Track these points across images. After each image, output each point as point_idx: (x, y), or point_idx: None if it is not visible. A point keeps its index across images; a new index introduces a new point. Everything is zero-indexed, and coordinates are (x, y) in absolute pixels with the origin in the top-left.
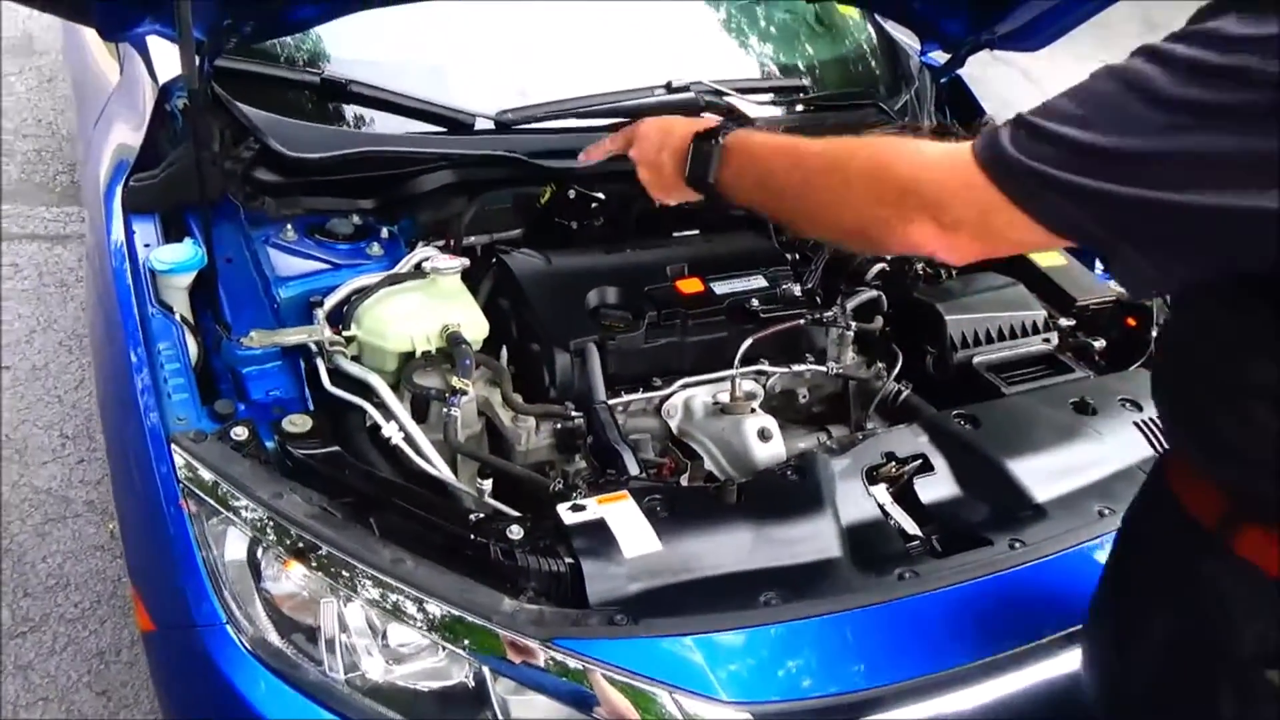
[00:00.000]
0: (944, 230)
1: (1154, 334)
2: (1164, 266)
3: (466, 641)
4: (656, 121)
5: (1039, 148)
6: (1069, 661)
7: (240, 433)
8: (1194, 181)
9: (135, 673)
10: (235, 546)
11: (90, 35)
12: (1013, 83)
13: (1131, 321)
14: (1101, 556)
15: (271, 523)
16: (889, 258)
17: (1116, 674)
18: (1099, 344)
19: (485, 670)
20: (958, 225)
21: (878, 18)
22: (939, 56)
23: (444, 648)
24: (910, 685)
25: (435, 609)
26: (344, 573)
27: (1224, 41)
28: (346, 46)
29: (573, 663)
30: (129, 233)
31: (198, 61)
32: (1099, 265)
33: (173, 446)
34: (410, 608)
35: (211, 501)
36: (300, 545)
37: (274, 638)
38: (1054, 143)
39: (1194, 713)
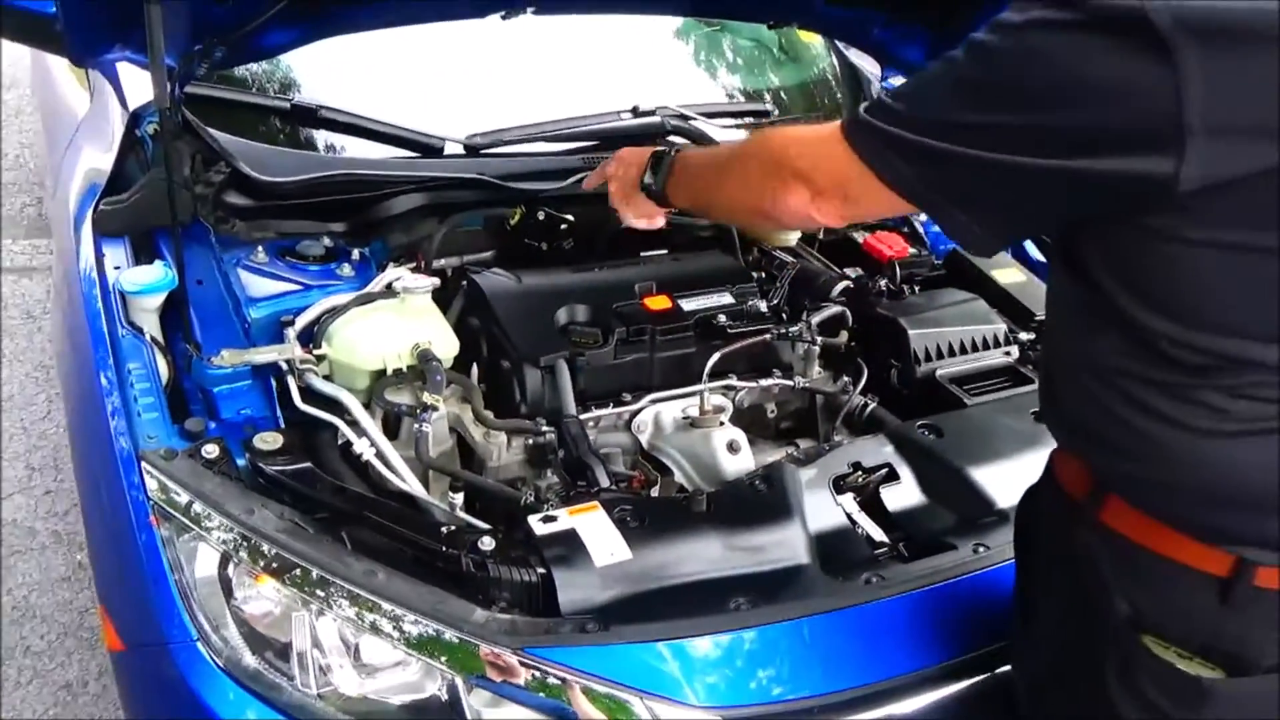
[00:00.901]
0: (816, 195)
1: None
2: (982, 222)
3: (442, 657)
4: (633, 149)
5: (884, 113)
6: None
7: (211, 450)
8: (989, 144)
9: (103, 704)
10: (206, 563)
11: (59, 65)
12: None
13: None
14: None
15: (243, 539)
16: (853, 275)
17: (1024, 650)
18: None
19: (458, 682)
20: (825, 190)
21: (839, 45)
22: (899, 80)
23: (417, 660)
24: (879, 687)
25: (408, 622)
26: (317, 589)
27: (1000, 28)
28: (317, 72)
29: (551, 678)
30: (99, 256)
31: (169, 87)
32: None
33: (143, 464)
34: (383, 621)
35: (182, 518)
36: (272, 560)
37: (246, 654)
38: (893, 109)
39: (1086, 682)
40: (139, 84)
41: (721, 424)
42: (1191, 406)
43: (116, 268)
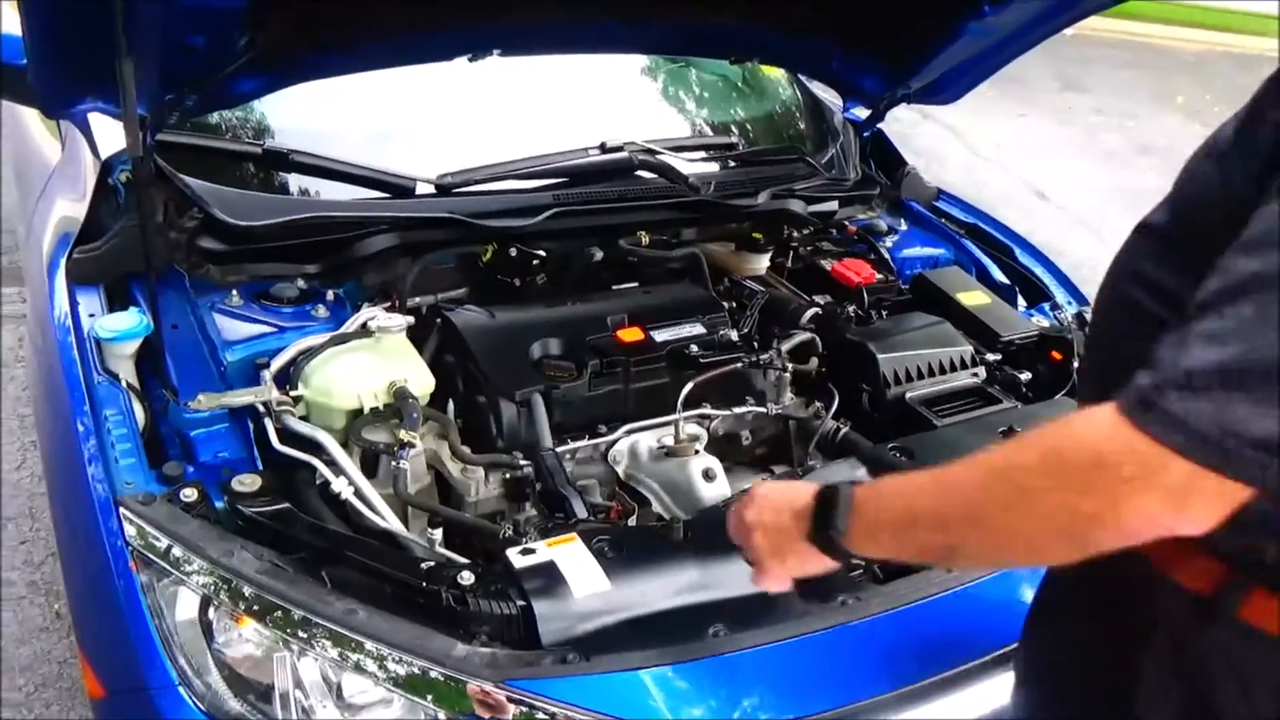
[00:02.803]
0: (1171, 495)
1: (1076, 365)
2: None
3: (428, 695)
4: (775, 484)
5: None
6: (1008, 679)
7: (189, 494)
8: None
9: None
10: (186, 607)
11: (30, 115)
12: (941, 138)
13: (1056, 355)
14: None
15: (223, 581)
16: (822, 302)
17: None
18: (1024, 376)
19: (440, 717)
20: (1186, 486)
21: (801, 78)
22: (861, 112)
23: (401, 697)
24: (859, 708)
25: (390, 659)
26: (300, 630)
27: None
28: (288, 116)
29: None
30: (73, 304)
31: (141, 136)
32: (1021, 302)
33: (121, 510)
34: (366, 660)
35: (161, 563)
36: (253, 602)
37: (229, 698)
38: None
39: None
40: (110, 132)
41: (697, 452)
42: None
43: (91, 315)
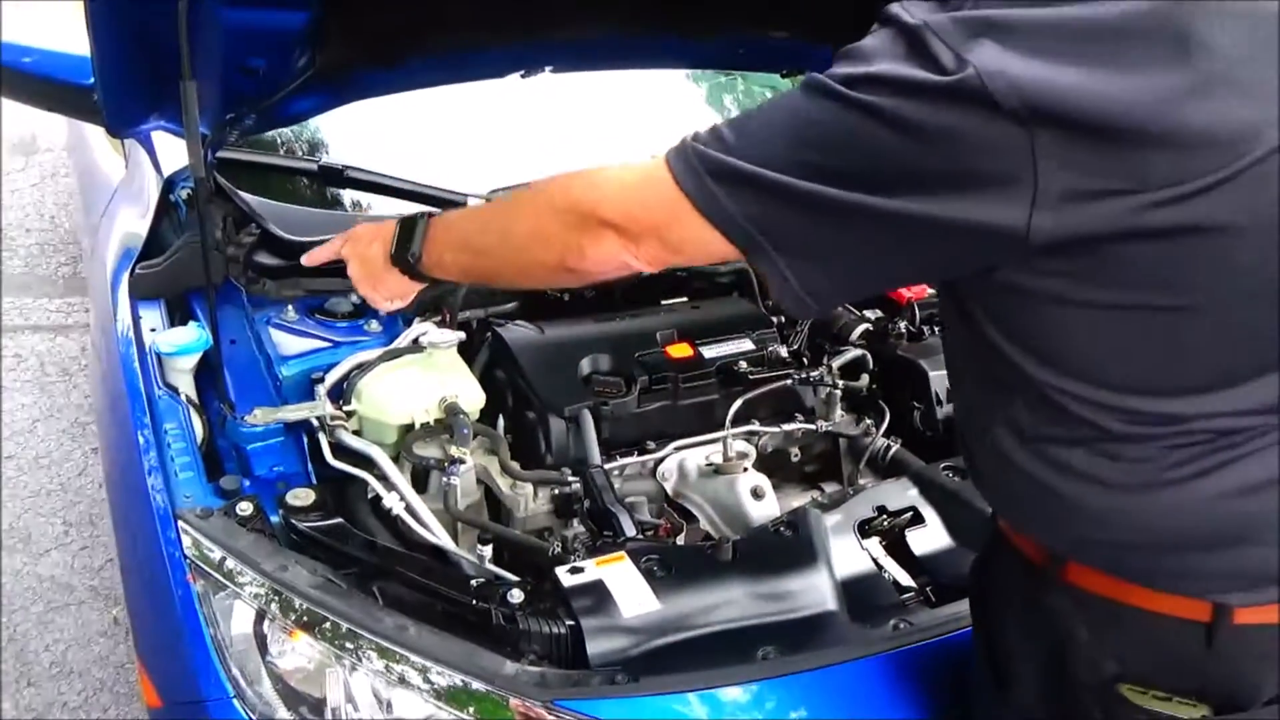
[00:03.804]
0: (630, 241)
1: None
2: (804, 271)
3: (471, 708)
4: (369, 224)
5: (715, 141)
6: None
7: (245, 508)
8: (829, 180)
9: None
10: (241, 620)
11: (94, 131)
12: None
13: None
14: None
15: (277, 595)
16: (872, 318)
17: (1002, 717)
18: None
19: None
20: (641, 235)
21: None
22: None
23: (450, 714)
24: None
25: (439, 676)
26: (349, 643)
27: (842, 78)
28: (342, 133)
29: None
30: (135, 318)
31: (203, 154)
32: None
33: (179, 523)
34: (414, 676)
35: (218, 576)
36: (305, 616)
37: (281, 710)
38: (723, 137)
39: None
40: (172, 150)
41: (745, 470)
42: (1124, 463)
43: (152, 330)
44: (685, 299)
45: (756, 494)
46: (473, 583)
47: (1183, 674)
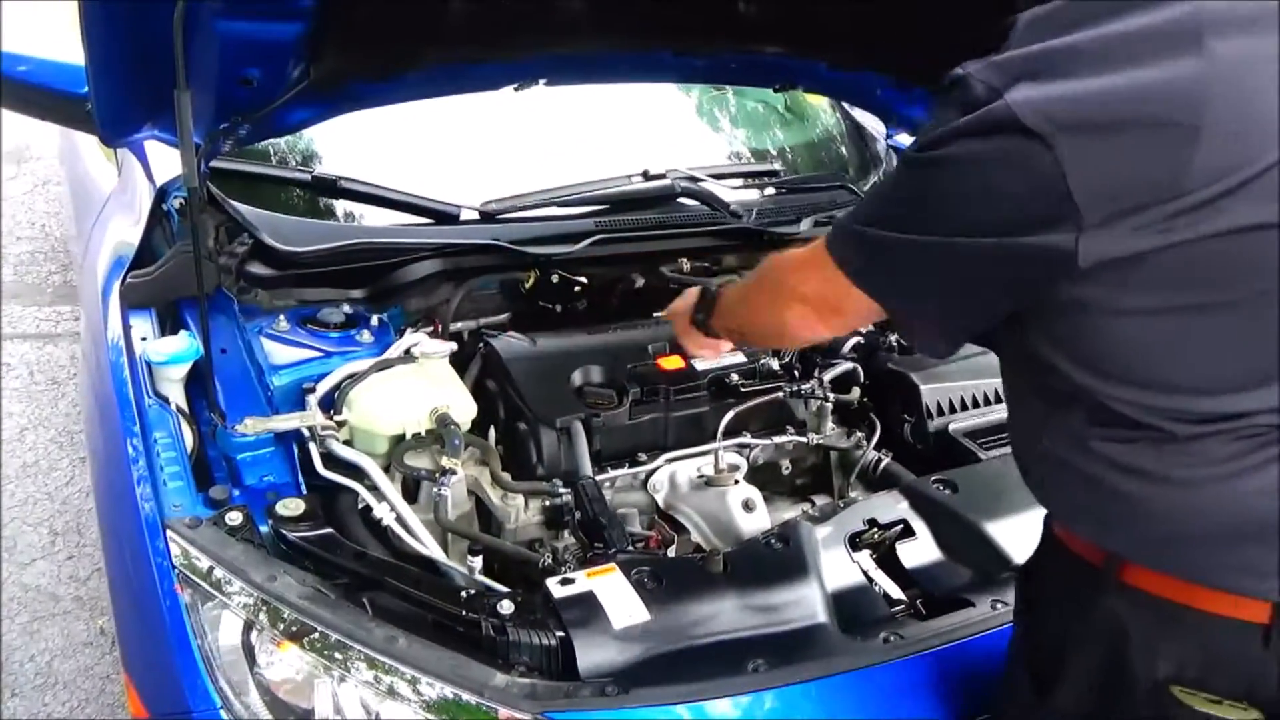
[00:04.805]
0: (813, 312)
1: None
2: (923, 314)
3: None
4: (692, 290)
5: (850, 218)
6: None
7: (235, 518)
8: (924, 229)
9: None
10: (229, 631)
11: (86, 140)
12: None
13: None
14: None
15: (265, 606)
16: (863, 331)
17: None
18: None
19: None
20: (820, 307)
21: (844, 104)
22: (905, 139)
23: None
24: None
25: (429, 687)
26: (338, 654)
27: (918, 146)
28: (336, 144)
29: None
30: (126, 327)
31: (196, 164)
32: None
33: (168, 532)
34: (403, 687)
35: (206, 586)
36: (294, 627)
37: None
38: (853, 214)
39: None
40: (165, 159)
41: (736, 482)
42: (1184, 459)
43: (143, 338)
44: None
45: (747, 506)
46: (463, 594)
47: (1236, 676)
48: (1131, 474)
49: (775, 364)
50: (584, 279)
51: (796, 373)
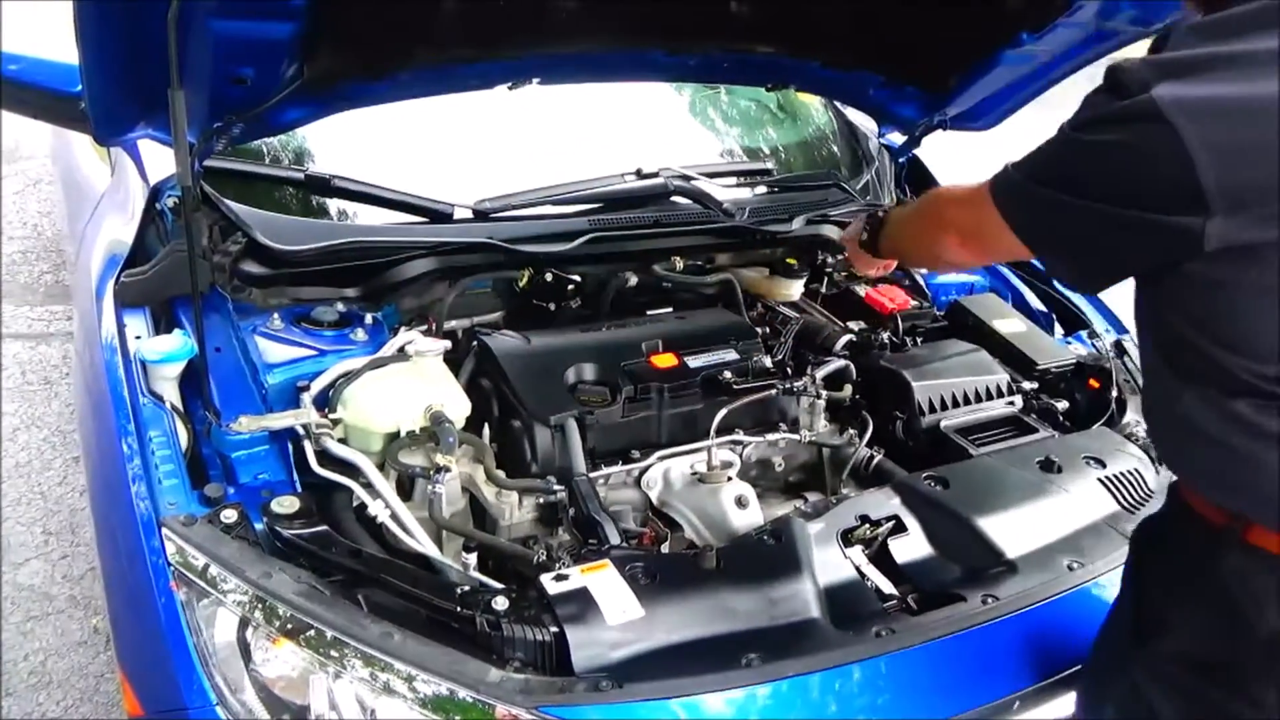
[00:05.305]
0: (963, 242)
1: (1114, 394)
2: (1078, 261)
3: (457, 717)
4: (859, 219)
5: (1016, 171)
6: (1044, 713)
7: (230, 515)
8: (1081, 193)
9: None
10: (225, 628)
11: (79, 139)
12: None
13: (1094, 383)
14: (1072, 609)
15: (261, 603)
16: (856, 329)
17: (1148, 663)
18: (1062, 405)
19: None
20: (969, 237)
21: (836, 103)
22: (897, 137)
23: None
24: None
25: (423, 683)
26: (333, 650)
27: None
28: (329, 143)
29: None
30: (120, 326)
31: (190, 163)
32: (1058, 329)
33: (163, 530)
34: (398, 683)
35: (201, 584)
36: (289, 624)
37: (263, 717)
38: (1020, 167)
39: (1229, 690)
40: (158, 158)
41: (729, 479)
42: None
43: (137, 337)
44: (670, 309)
45: (740, 503)
46: (458, 590)
47: None
48: (1260, 439)
49: (768, 361)
50: (577, 277)
51: (789, 370)
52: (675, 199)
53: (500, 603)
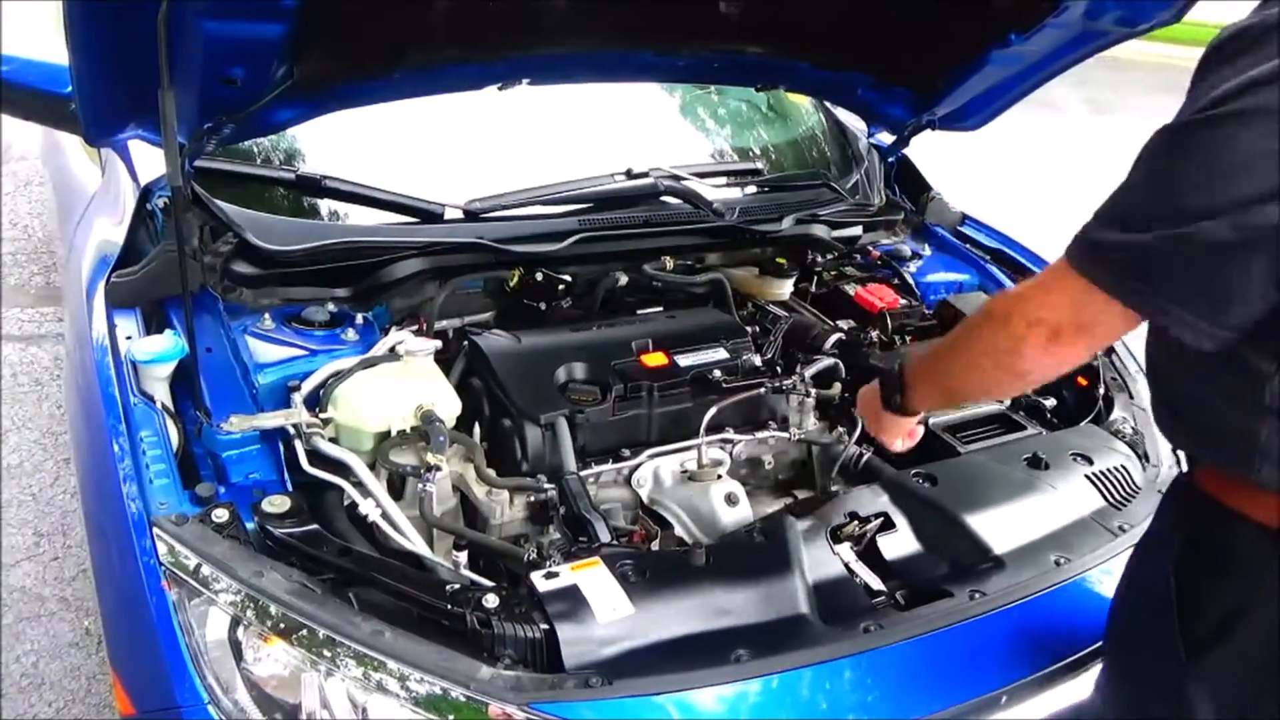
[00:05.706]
0: (1054, 335)
1: (1101, 391)
2: (1194, 307)
3: (450, 716)
4: (866, 388)
5: (1096, 228)
6: (1032, 708)
7: (221, 515)
8: (1177, 220)
9: None
10: (216, 627)
11: (70, 140)
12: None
13: (1082, 381)
14: (1059, 604)
15: (252, 602)
16: (845, 328)
17: (1206, 673)
18: (1049, 403)
19: None
20: (1061, 326)
21: (826, 103)
22: (886, 137)
23: (422, 716)
24: None
25: (415, 681)
26: (325, 649)
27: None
28: (320, 143)
29: None
30: (111, 326)
31: (180, 163)
32: None
33: (154, 530)
34: (390, 681)
35: (193, 583)
36: (281, 623)
37: (255, 716)
38: (1100, 221)
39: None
40: (149, 158)
41: (719, 477)
42: None
43: (128, 337)
44: (660, 309)
45: (730, 500)
46: (448, 588)
47: None
48: None
49: (757, 360)
50: (568, 277)
51: (779, 369)
52: (665, 199)
53: (491, 600)
